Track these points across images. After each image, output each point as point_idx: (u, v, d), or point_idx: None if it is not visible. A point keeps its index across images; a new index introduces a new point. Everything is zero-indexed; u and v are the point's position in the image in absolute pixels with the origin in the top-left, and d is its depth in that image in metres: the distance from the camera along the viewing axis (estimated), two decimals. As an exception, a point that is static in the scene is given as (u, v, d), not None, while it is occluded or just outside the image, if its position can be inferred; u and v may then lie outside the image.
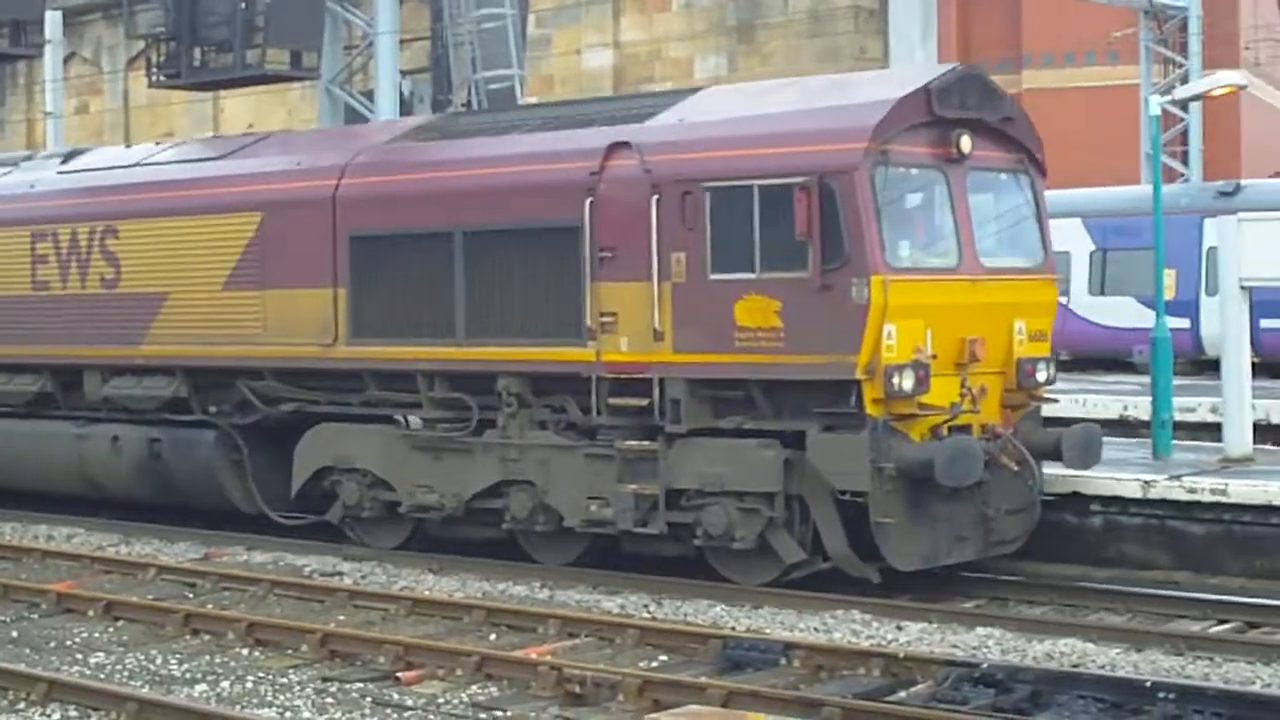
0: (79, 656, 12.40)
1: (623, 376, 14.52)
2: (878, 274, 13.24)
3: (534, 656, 11.70)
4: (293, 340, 16.74)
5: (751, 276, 13.81)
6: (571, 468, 14.86)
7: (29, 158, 21.65)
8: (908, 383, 13.31)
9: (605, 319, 14.56)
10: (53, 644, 12.90)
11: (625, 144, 14.64)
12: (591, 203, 14.61)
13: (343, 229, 16.34)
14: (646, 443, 14.35)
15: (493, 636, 12.85)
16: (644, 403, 14.34)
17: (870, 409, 13.30)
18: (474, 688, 11.16)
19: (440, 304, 15.68)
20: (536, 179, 15.14)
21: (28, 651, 12.60)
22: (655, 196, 14.25)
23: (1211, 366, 21.91)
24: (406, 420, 15.87)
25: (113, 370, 18.54)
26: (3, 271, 19.71)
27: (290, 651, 12.37)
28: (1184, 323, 25.65)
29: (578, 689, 10.79)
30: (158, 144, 20.50)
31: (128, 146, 23.90)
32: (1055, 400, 15.23)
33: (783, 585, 14.21)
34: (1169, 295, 20.50)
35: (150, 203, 18.31)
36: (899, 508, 13.41)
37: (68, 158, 20.62)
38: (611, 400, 14.55)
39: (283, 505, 17.25)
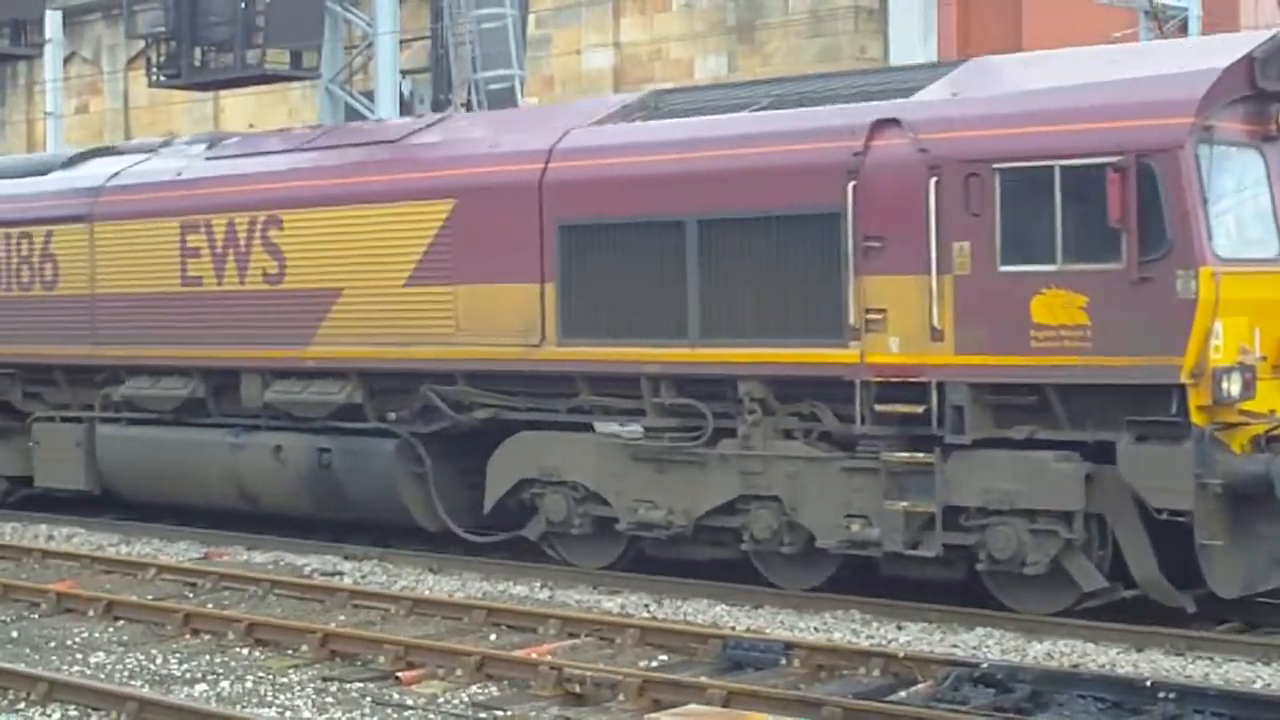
0: (79, 656, 12.41)
1: (893, 380, 13.08)
2: (1206, 265, 11.91)
3: (534, 656, 11.70)
4: (491, 340, 15.25)
5: (1052, 268, 12.43)
6: (826, 482, 13.47)
7: (166, 144, 20.17)
8: (1235, 387, 11.98)
9: (871, 316, 13.16)
10: (53, 644, 12.90)
11: (893, 121, 13.22)
12: (855, 186, 13.16)
13: (551, 217, 14.84)
14: (919, 454, 12.92)
15: (493, 636, 12.85)
16: (918, 410, 12.88)
17: (1195, 417, 11.93)
18: (474, 688, 11.16)
19: (669, 300, 14.21)
20: (787, 160, 13.64)
21: (28, 651, 12.61)
22: (933, 179, 12.85)
23: None
24: (618, 428, 14.58)
25: (275, 374, 17.06)
26: (149, 266, 18.17)
27: (290, 651, 12.37)
28: None
29: (578, 689, 10.80)
30: (312, 127, 19.26)
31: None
32: None
33: (782, 587, 14.22)
34: None
35: (319, 190, 16.77)
36: (1224, 528, 12.04)
37: (212, 143, 19.21)
38: (878, 407, 13.11)
39: (466, 520, 16.05)
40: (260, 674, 11.66)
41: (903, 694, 10.70)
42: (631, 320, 14.47)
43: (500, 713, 10.52)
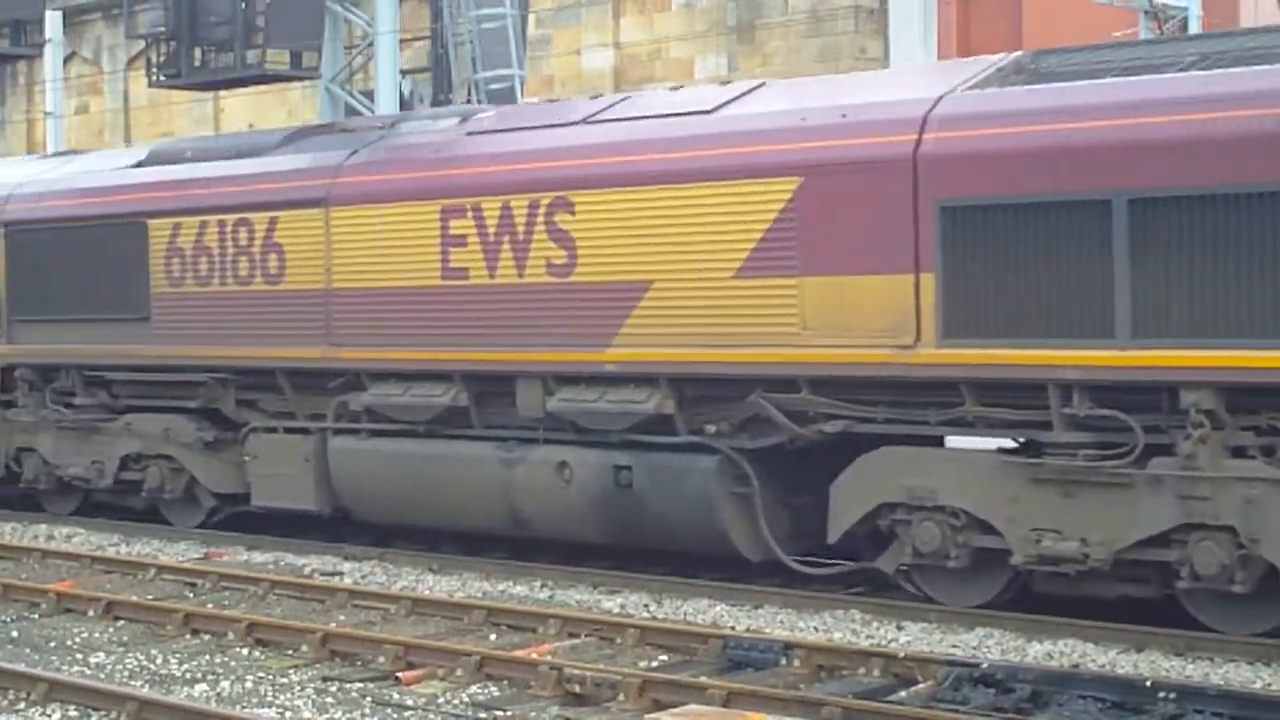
0: (79, 656, 12.40)
1: None
2: None
3: (534, 656, 11.70)
4: (847, 341, 13.06)
5: None
6: None
7: (401, 119, 17.85)
8: None
9: None
10: (53, 644, 12.90)
11: None
12: None
13: (928, 197, 12.63)
14: None
15: (493, 636, 12.85)
16: None
17: None
18: (474, 688, 11.15)
19: (1089, 292, 12.05)
20: (1252, 128, 11.53)
21: (28, 651, 12.60)
22: None
23: None
24: (982, 442, 12.81)
25: (561, 379, 14.80)
26: (400, 257, 15.82)
27: (290, 651, 12.37)
28: None
29: (578, 689, 10.79)
30: (592, 98, 16.88)
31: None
32: None
33: (783, 585, 14.22)
34: None
35: (621, 167, 14.45)
36: None
37: (464, 116, 16.88)
38: None
39: (790, 549, 14.00)
40: (260, 674, 11.66)
41: (903, 694, 10.69)
42: (1038, 317, 12.27)
43: (500, 713, 10.52)
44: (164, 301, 17.84)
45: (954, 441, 13.20)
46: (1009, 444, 13.02)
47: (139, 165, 18.97)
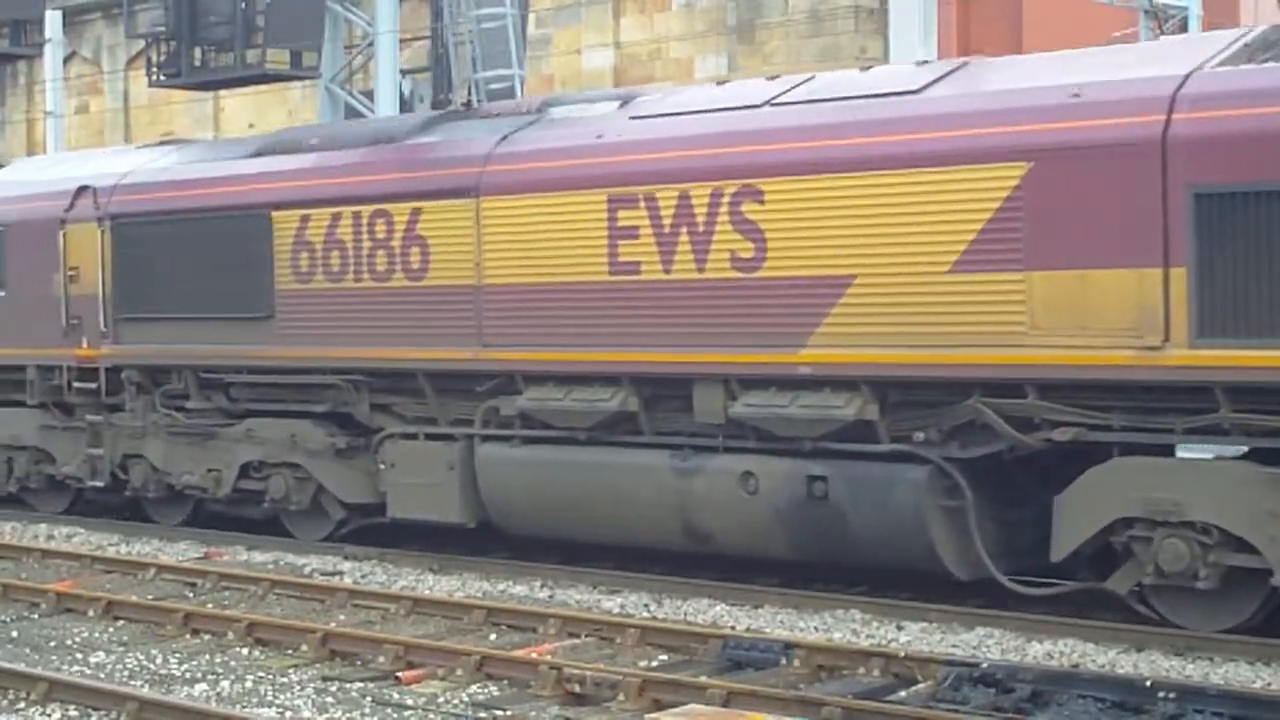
0: (79, 656, 12.40)
1: None
2: None
3: (534, 656, 11.70)
4: (1083, 342, 12.03)
5: None
6: None
7: (547, 103, 16.47)
8: None
9: None
10: (53, 644, 12.90)
11: None
12: None
13: (1179, 182, 11.59)
14: None
15: (493, 636, 12.85)
16: None
17: None
18: (474, 688, 11.16)
19: None
20: None
21: (28, 651, 12.61)
22: None
23: None
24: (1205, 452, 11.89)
25: (745, 382, 13.75)
26: (561, 250, 14.74)
27: (290, 651, 12.37)
28: None
29: (578, 689, 10.80)
30: (770, 79, 15.38)
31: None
32: None
33: (781, 584, 14.21)
34: None
35: (818, 153, 13.36)
36: None
37: (624, 100, 15.69)
38: None
39: (1007, 567, 12.95)
40: (260, 674, 11.66)
41: (903, 694, 10.69)
42: None
43: (500, 713, 10.52)
44: (290, 298, 16.75)
45: (1187, 452, 12.34)
46: (1229, 451, 12.13)
47: (257, 155, 17.82)
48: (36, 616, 14.05)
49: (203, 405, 17.77)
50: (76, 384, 18.81)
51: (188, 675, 11.70)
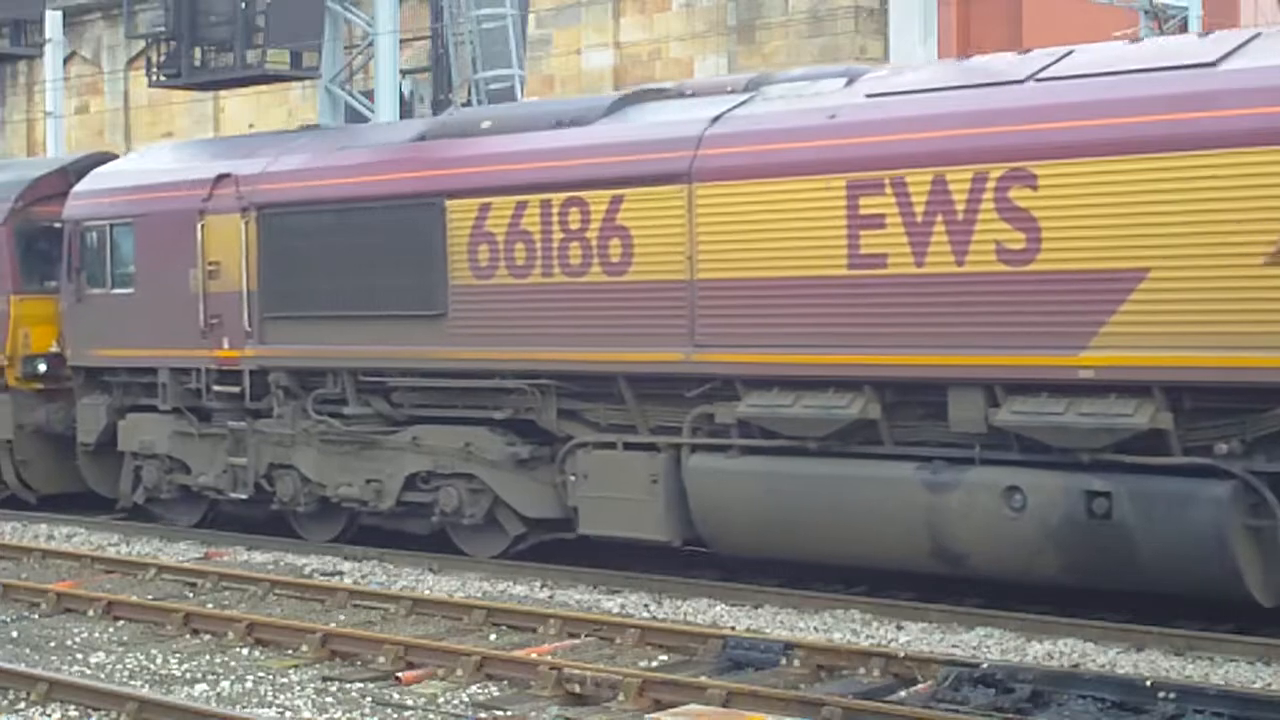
0: (79, 656, 12.40)
1: None
2: None
3: (534, 656, 11.70)
4: None
5: None
6: None
7: (761, 80, 14.94)
8: None
9: None
10: (53, 644, 12.90)
11: None
12: None
13: None
14: None
15: (493, 636, 12.85)
16: None
17: None
18: (474, 688, 11.16)
19: None
20: None
21: (28, 651, 12.61)
22: None
23: None
24: None
25: (1011, 387, 12.45)
26: (793, 240, 13.36)
27: (290, 651, 12.37)
28: None
29: (578, 689, 10.80)
30: (1020, 53, 13.90)
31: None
32: None
33: (781, 584, 14.21)
34: None
35: (1102, 133, 12.03)
36: None
37: (851, 77, 14.25)
38: None
39: None
40: (260, 674, 11.66)
41: (903, 694, 10.70)
42: None
43: (500, 713, 10.52)
44: (466, 295, 15.33)
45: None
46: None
47: (422, 139, 16.41)
48: (36, 616, 14.04)
49: (362, 411, 16.40)
50: (216, 387, 17.45)
51: (188, 675, 11.69)
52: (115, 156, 21.39)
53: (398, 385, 16.13)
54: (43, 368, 19.69)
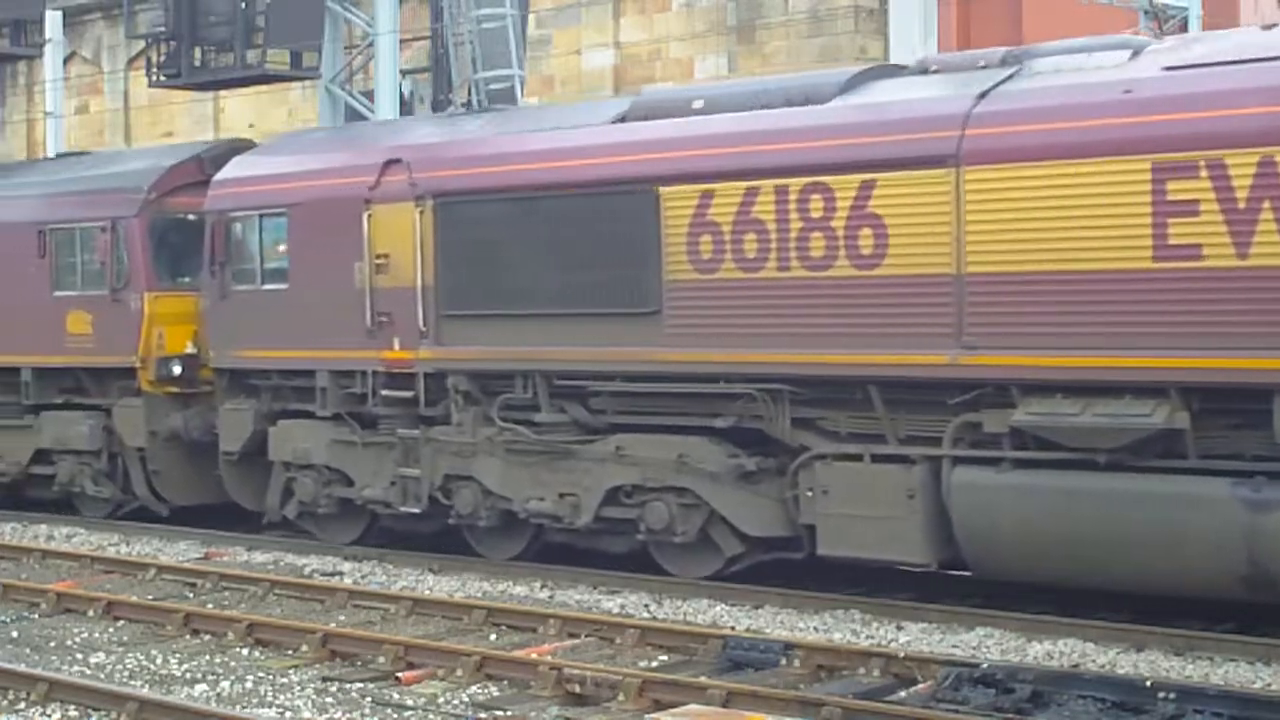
0: (79, 656, 12.41)
1: None
2: None
3: (534, 656, 11.70)
4: None
5: None
6: None
7: (1028, 55, 13.33)
8: None
9: None
10: (53, 644, 12.90)
11: None
12: None
13: None
14: None
15: (493, 636, 12.85)
16: None
17: None
18: (474, 688, 11.16)
19: None
20: None
21: (28, 651, 12.61)
22: None
23: None
24: None
25: None
26: (1086, 230, 11.99)
27: (290, 651, 12.37)
28: None
29: (578, 689, 10.80)
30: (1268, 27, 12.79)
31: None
32: None
33: (781, 584, 14.20)
34: None
35: None
36: None
37: (1136, 51, 12.80)
38: None
39: None
40: (260, 674, 11.66)
41: (903, 694, 10.70)
42: None
43: (500, 713, 10.52)
44: (684, 291, 13.99)
45: None
46: None
47: (623, 120, 15.01)
48: (36, 616, 14.05)
49: (556, 418, 15.02)
50: (384, 392, 16.04)
51: (188, 675, 11.69)
52: (252, 144, 19.71)
53: (600, 390, 14.71)
54: (178, 370, 18.31)
